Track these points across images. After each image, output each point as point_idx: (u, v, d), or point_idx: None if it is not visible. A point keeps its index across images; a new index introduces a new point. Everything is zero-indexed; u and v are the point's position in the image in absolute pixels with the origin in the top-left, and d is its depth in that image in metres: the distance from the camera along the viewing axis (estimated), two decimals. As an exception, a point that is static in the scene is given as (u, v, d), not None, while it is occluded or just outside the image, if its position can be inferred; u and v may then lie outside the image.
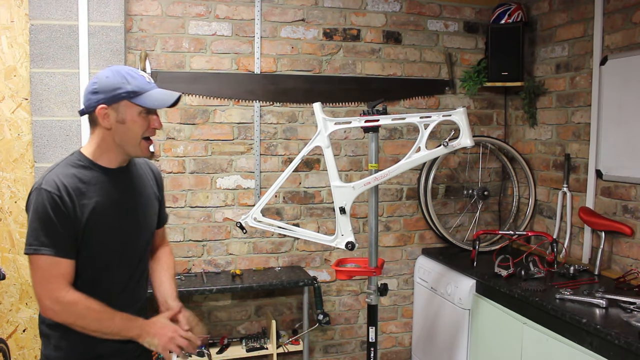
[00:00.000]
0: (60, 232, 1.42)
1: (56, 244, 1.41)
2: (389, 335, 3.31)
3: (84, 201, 1.45)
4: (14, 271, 2.68)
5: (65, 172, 1.48)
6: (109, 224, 1.51)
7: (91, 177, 1.50)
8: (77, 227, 1.44)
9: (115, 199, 1.53)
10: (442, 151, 2.19)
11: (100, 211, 1.48)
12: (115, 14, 2.60)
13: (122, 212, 1.54)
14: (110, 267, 1.54)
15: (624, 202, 2.52)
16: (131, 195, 1.59)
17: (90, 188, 1.48)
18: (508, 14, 3.04)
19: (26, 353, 2.74)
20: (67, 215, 1.42)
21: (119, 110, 1.47)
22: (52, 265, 1.42)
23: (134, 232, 1.60)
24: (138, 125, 1.49)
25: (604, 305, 2.08)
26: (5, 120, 2.61)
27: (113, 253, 1.54)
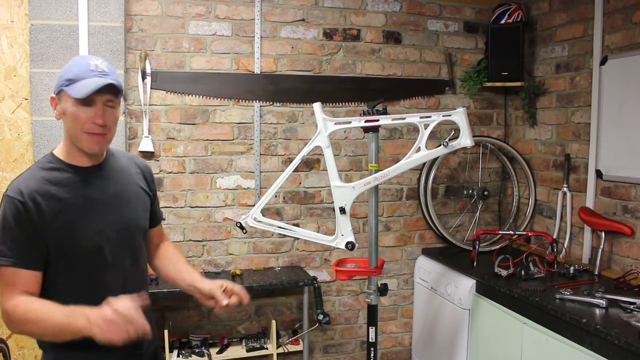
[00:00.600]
0: (22, 242, 1.33)
1: (15, 254, 1.33)
2: (389, 335, 3.31)
3: (55, 204, 1.36)
4: (14, 271, 2.67)
5: (34, 176, 1.39)
6: (86, 226, 1.40)
7: (62, 179, 1.40)
8: (47, 233, 1.35)
9: (90, 199, 1.42)
10: (442, 151, 2.20)
11: (74, 213, 1.38)
12: (115, 14, 2.60)
13: (100, 212, 1.43)
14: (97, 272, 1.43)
15: (624, 202, 2.52)
16: (110, 194, 1.47)
17: (61, 190, 1.38)
18: (508, 14, 3.04)
19: (26, 353, 2.74)
20: (31, 222, 1.33)
21: (61, 100, 1.39)
22: (8, 275, 1.33)
23: (118, 233, 1.47)
24: (76, 115, 1.36)
25: (604, 305, 2.08)
26: (5, 120, 2.61)
27: (96, 257, 1.42)
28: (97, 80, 1.35)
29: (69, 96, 1.35)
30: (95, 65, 1.37)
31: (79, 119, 1.36)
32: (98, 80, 1.35)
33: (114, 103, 1.42)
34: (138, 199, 1.57)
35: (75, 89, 1.34)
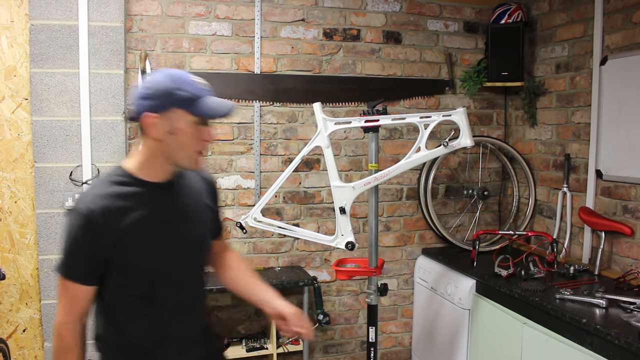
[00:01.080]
0: (87, 258, 1.34)
1: (80, 271, 1.35)
2: (389, 335, 3.31)
3: (124, 220, 1.34)
4: (14, 271, 2.68)
5: (104, 190, 1.36)
6: (152, 241, 1.39)
7: (132, 194, 1.37)
8: (113, 248, 1.34)
9: (159, 216, 1.41)
10: (442, 151, 2.20)
11: (142, 229, 1.37)
12: (115, 14, 2.60)
13: (167, 228, 1.42)
14: (159, 285, 1.42)
15: (624, 202, 2.52)
16: (179, 210, 1.46)
17: (130, 205, 1.36)
18: (508, 14, 3.04)
19: (26, 353, 2.74)
20: (99, 238, 1.32)
21: (170, 119, 1.32)
22: (71, 290, 1.36)
23: (185, 248, 1.47)
24: (190, 137, 1.34)
25: (604, 305, 2.08)
26: (5, 120, 2.61)
27: (161, 271, 1.42)
28: (222, 101, 1.37)
29: (189, 115, 1.33)
30: (201, 83, 1.38)
31: (196, 138, 1.35)
32: (223, 101, 1.37)
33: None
34: (205, 213, 1.56)
35: (201, 109, 1.33)
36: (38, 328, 2.73)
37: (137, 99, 1.35)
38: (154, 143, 1.36)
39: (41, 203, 2.58)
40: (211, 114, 1.34)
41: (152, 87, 1.33)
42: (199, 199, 1.54)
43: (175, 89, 1.32)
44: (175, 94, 1.32)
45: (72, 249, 1.35)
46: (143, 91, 1.34)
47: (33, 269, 2.69)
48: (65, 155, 2.60)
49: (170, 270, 1.44)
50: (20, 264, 2.68)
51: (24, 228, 2.67)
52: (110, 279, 1.39)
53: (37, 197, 2.58)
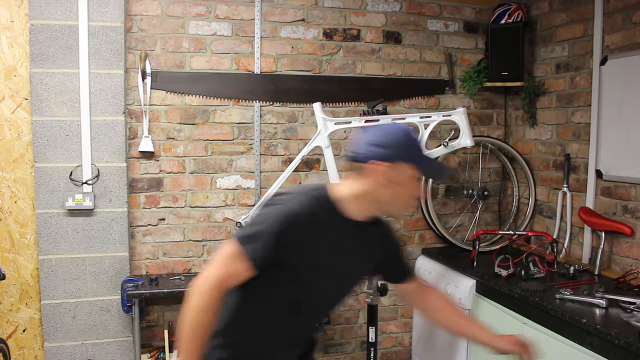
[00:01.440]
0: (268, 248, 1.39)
1: (254, 250, 1.39)
2: (389, 335, 3.31)
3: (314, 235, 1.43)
4: (14, 271, 2.68)
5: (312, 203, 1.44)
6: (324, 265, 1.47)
7: (329, 218, 1.46)
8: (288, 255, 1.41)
9: (341, 246, 1.49)
10: (442, 151, 2.20)
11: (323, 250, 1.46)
12: (115, 14, 2.60)
13: (341, 259, 1.50)
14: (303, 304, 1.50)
15: (624, 202, 2.52)
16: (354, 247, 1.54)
17: (324, 227, 1.45)
18: (508, 14, 3.04)
19: (26, 353, 2.74)
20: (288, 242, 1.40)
21: (397, 169, 1.42)
22: (232, 256, 1.39)
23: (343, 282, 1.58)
24: (411, 189, 1.47)
25: (604, 305, 2.08)
26: (5, 120, 2.61)
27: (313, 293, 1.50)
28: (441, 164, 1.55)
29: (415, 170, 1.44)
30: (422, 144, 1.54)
31: (413, 192, 1.49)
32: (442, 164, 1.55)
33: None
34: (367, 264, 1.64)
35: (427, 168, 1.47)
36: (38, 328, 2.73)
37: (367, 144, 1.45)
38: (372, 187, 1.44)
39: (41, 203, 2.59)
40: (434, 174, 1.51)
41: (386, 138, 1.44)
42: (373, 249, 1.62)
43: (409, 145, 1.45)
44: (408, 149, 1.44)
45: (265, 231, 1.39)
46: (375, 139, 1.44)
47: (33, 269, 2.69)
48: (65, 155, 2.60)
49: (322, 296, 1.54)
50: (20, 264, 2.68)
51: (24, 228, 2.67)
52: (268, 278, 1.44)
53: (37, 197, 2.58)
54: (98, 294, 2.68)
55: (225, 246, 1.42)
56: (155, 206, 2.82)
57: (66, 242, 2.63)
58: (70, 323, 2.65)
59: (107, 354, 2.71)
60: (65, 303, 2.64)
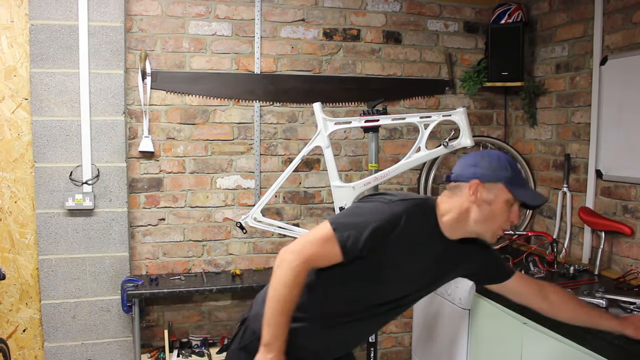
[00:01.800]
0: (363, 241, 1.41)
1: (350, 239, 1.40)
2: (389, 335, 3.31)
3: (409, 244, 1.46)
4: (14, 271, 2.68)
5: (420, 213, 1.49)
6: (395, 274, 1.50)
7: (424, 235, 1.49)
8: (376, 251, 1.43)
9: (422, 260, 1.52)
10: (442, 151, 2.20)
11: (401, 260, 1.48)
12: (115, 14, 2.60)
13: (413, 278, 1.54)
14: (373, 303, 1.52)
15: (624, 202, 2.52)
16: (437, 266, 1.56)
17: (415, 237, 1.47)
18: (508, 14, 3.04)
19: (26, 353, 2.74)
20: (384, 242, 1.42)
21: (491, 190, 1.46)
22: (329, 241, 1.41)
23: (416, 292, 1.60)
24: (502, 211, 1.47)
25: (604, 305, 2.07)
26: (5, 120, 2.61)
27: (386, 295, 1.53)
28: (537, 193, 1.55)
29: (508, 193, 1.46)
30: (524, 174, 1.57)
31: (506, 215, 1.48)
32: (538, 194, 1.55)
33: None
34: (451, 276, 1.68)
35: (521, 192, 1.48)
36: (38, 328, 2.73)
37: (467, 165, 1.51)
38: (467, 205, 1.48)
39: (41, 203, 2.59)
40: (528, 201, 1.48)
41: (485, 160, 1.49)
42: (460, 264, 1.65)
43: (506, 168, 1.48)
44: (505, 172, 1.47)
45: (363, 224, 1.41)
46: (475, 161, 1.50)
47: (33, 269, 2.69)
48: (65, 155, 2.60)
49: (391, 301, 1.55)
50: (20, 264, 2.68)
51: (24, 228, 2.67)
52: (353, 268, 1.45)
53: (37, 197, 2.58)
54: (98, 294, 2.68)
55: (320, 227, 1.44)
56: (155, 206, 2.82)
57: (66, 242, 2.63)
58: (70, 323, 2.65)
59: (107, 354, 2.71)
60: (65, 303, 2.64)
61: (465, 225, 1.51)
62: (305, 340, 1.50)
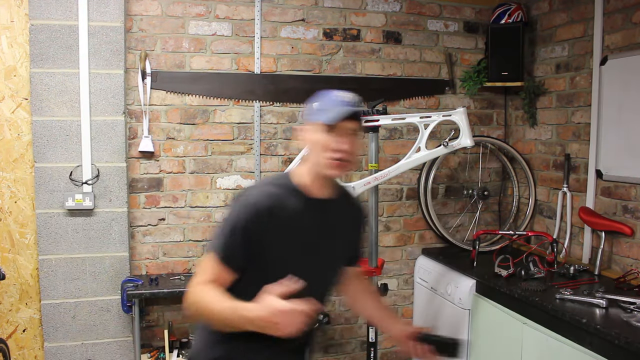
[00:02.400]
0: (240, 247, 1.42)
1: (229, 253, 1.43)
2: (389, 335, 3.31)
3: (279, 225, 1.44)
4: (14, 271, 2.68)
5: (271, 192, 1.47)
6: (295, 252, 1.48)
7: (293, 203, 1.48)
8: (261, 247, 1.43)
9: (309, 229, 1.51)
10: (442, 151, 2.20)
11: (293, 237, 1.47)
12: (115, 14, 2.60)
13: (315, 243, 1.52)
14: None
15: (624, 202, 2.52)
16: (330, 230, 1.56)
17: (290, 214, 1.46)
18: (508, 14, 3.04)
19: (26, 353, 2.74)
20: (256, 235, 1.42)
21: (308, 128, 1.49)
22: (211, 265, 1.44)
23: (323, 268, 1.57)
24: (322, 143, 1.46)
25: (604, 305, 2.08)
26: (5, 120, 2.61)
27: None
28: (347, 109, 1.46)
29: (320, 123, 1.46)
30: (341, 96, 1.49)
31: (327, 145, 1.46)
32: (348, 108, 1.46)
33: (358, 132, 1.51)
34: (349, 240, 1.68)
35: (325, 116, 1.45)
36: (38, 328, 2.73)
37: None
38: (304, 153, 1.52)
39: (41, 203, 2.58)
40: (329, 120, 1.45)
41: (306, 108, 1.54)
42: (349, 226, 1.65)
43: (317, 104, 1.50)
44: (315, 108, 1.50)
45: (232, 233, 1.43)
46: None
47: (33, 269, 2.69)
48: (65, 155, 2.60)
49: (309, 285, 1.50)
50: (20, 264, 2.68)
51: (24, 228, 2.67)
52: (249, 275, 1.46)
53: (37, 197, 2.58)
54: (98, 294, 2.68)
55: (204, 258, 1.46)
56: (155, 206, 2.82)
57: (66, 242, 2.62)
58: (70, 323, 2.65)
59: (107, 354, 2.71)
60: (65, 303, 2.64)
61: (312, 172, 1.51)
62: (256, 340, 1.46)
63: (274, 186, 1.49)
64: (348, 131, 1.47)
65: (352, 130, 1.47)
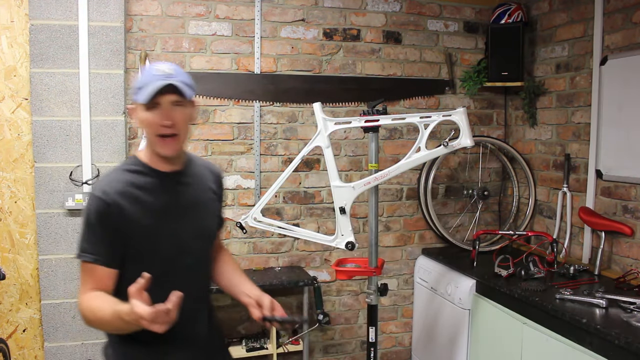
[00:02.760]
0: (103, 240, 1.39)
1: (96, 251, 1.40)
2: (389, 335, 3.31)
3: (137, 207, 1.42)
4: (14, 271, 2.68)
5: (119, 177, 1.45)
6: (164, 231, 1.46)
7: (145, 182, 1.46)
8: (126, 234, 1.41)
9: (170, 205, 1.48)
10: (442, 151, 2.20)
11: (154, 217, 1.44)
12: (115, 14, 2.60)
13: (178, 218, 1.49)
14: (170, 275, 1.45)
15: (624, 202, 2.52)
16: (189, 201, 1.53)
17: (143, 193, 1.44)
18: (508, 14, 3.04)
19: (26, 353, 2.74)
20: (113, 222, 1.39)
21: (136, 109, 1.44)
22: (87, 271, 1.41)
23: (194, 239, 1.53)
24: (145, 123, 1.42)
25: (604, 305, 2.08)
26: (5, 120, 2.61)
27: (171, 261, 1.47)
28: (157, 83, 1.38)
29: (139, 103, 1.41)
30: (160, 70, 1.41)
31: (149, 123, 1.41)
32: (159, 82, 1.38)
33: (182, 102, 1.43)
34: (212, 205, 1.63)
35: (141, 95, 1.39)
36: (38, 328, 2.73)
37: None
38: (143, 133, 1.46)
39: (41, 203, 2.58)
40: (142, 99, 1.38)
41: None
42: (207, 191, 1.61)
43: (136, 81, 1.44)
44: (134, 86, 1.44)
45: (91, 231, 1.40)
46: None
47: (33, 269, 2.69)
48: (65, 155, 2.60)
49: (180, 261, 1.48)
50: (20, 264, 2.68)
51: (24, 228, 2.67)
52: (126, 266, 1.43)
53: (37, 197, 2.58)
54: (98, 294, 2.68)
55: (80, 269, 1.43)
56: (155, 206, 2.82)
57: (66, 242, 2.62)
58: (70, 323, 2.65)
59: (107, 354, 2.70)
60: (65, 303, 2.64)
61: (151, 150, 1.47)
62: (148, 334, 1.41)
63: (122, 170, 1.48)
64: (168, 105, 1.41)
65: (172, 103, 1.41)
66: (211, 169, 1.68)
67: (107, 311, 1.32)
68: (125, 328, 1.33)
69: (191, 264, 1.52)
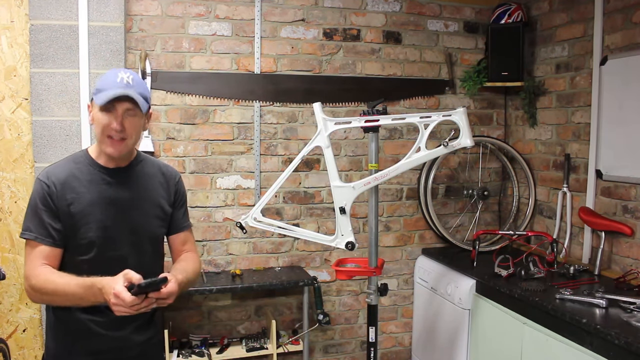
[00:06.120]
0: (45, 220, 1.51)
1: (37, 229, 1.51)
2: (389, 335, 3.31)
3: (72, 195, 1.53)
4: (14, 271, 2.68)
5: (63, 166, 1.58)
6: (96, 222, 1.54)
7: (86, 174, 1.57)
8: (63, 219, 1.52)
9: (107, 198, 1.57)
10: (442, 151, 2.19)
11: (85, 206, 1.53)
12: (115, 14, 2.60)
13: (110, 210, 1.57)
14: (102, 266, 1.50)
15: (624, 202, 2.52)
16: (125, 197, 1.60)
17: (81, 184, 1.55)
18: (508, 14, 3.04)
19: (26, 353, 2.74)
20: (53, 205, 1.51)
21: (92, 107, 1.54)
22: (31, 248, 1.52)
23: (125, 234, 1.59)
24: (97, 123, 1.52)
25: (604, 305, 2.08)
26: (5, 120, 2.61)
27: (100, 251, 1.55)
28: (117, 91, 1.48)
29: (95, 103, 1.51)
30: (121, 78, 1.50)
31: (102, 124, 1.51)
32: (117, 91, 1.48)
33: (134, 112, 1.52)
34: (153, 206, 1.68)
35: (99, 97, 1.49)
36: (38, 328, 2.73)
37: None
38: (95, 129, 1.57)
39: (41, 203, 2.58)
40: (100, 101, 1.48)
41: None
42: (151, 192, 1.67)
43: (98, 81, 1.54)
44: (95, 85, 1.54)
45: (35, 211, 1.52)
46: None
47: (33, 269, 2.69)
48: (65, 155, 2.59)
49: (109, 252, 1.57)
50: (20, 264, 2.68)
51: (24, 228, 2.67)
52: (66, 250, 1.55)
53: (37, 197, 2.58)
54: (98, 294, 2.67)
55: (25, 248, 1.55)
56: (155, 206, 2.82)
57: (66, 242, 2.62)
58: (70, 323, 2.65)
59: (107, 354, 2.70)
60: (65, 303, 2.64)
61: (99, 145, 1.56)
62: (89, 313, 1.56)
63: (68, 161, 1.60)
64: (122, 111, 1.50)
65: (126, 111, 1.50)
66: (164, 171, 1.74)
67: (73, 281, 1.44)
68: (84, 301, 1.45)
69: (124, 256, 1.58)
